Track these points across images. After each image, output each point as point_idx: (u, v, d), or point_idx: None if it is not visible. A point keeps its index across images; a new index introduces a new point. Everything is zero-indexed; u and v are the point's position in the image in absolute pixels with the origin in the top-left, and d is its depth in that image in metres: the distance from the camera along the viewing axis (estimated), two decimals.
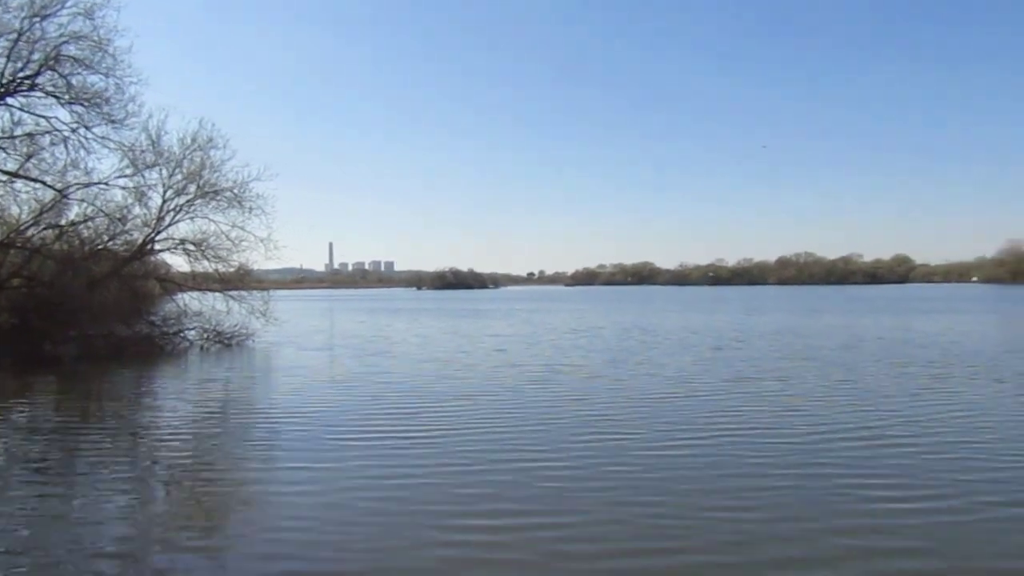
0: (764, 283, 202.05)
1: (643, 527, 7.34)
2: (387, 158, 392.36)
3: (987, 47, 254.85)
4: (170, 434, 12.62)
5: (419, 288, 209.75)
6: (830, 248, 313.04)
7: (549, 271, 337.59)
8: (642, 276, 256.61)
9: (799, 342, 27.68)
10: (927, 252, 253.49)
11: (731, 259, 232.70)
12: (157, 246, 28.57)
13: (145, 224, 27.79)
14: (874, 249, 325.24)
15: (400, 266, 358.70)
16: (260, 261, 30.47)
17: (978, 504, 7.90)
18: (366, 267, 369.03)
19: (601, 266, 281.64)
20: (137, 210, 27.57)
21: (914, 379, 17.50)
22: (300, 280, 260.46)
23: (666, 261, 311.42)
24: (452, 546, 6.85)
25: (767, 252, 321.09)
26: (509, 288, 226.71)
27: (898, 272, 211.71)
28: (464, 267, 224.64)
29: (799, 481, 8.92)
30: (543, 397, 15.68)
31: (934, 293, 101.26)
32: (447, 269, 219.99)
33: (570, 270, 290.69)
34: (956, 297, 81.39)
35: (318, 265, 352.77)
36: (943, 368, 19.35)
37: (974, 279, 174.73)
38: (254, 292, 30.00)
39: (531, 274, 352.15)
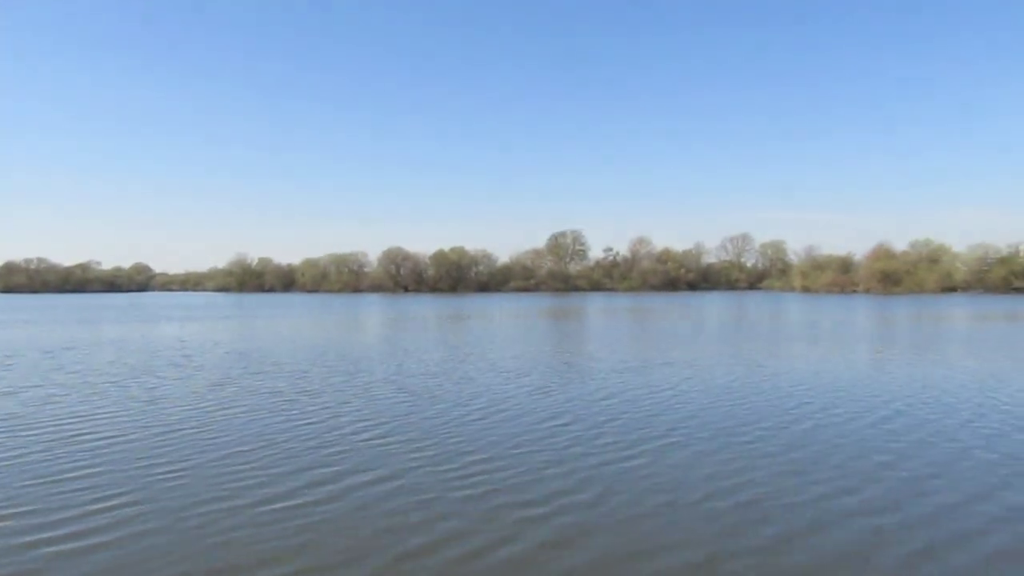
0: None
1: None
2: None
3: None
4: None
5: None
6: (66, 255, 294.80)
7: None
8: None
9: (93, 357, 27.83)
10: (164, 261, 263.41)
11: None
12: None
13: None
14: (115, 257, 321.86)
15: None
16: None
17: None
18: None
19: None
20: None
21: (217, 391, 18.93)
22: None
23: None
24: None
25: None
26: None
27: (138, 280, 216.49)
28: None
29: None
30: None
31: (178, 301, 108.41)
32: None
33: None
34: (197, 305, 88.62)
35: None
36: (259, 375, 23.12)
37: (209, 287, 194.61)
38: None
39: None
